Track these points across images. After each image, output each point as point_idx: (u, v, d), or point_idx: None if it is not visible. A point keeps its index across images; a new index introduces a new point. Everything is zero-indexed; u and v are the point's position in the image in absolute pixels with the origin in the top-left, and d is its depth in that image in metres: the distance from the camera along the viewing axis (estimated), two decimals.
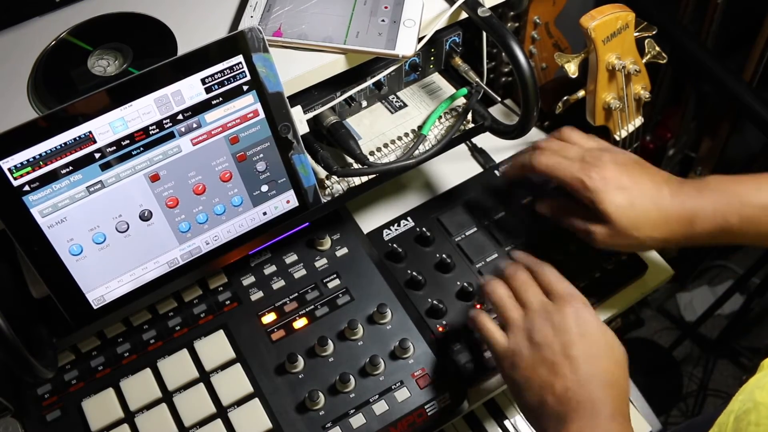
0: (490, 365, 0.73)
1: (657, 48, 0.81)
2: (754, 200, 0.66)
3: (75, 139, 0.57)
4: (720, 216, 0.66)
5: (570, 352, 0.59)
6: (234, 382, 0.71)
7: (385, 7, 0.68)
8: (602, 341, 0.61)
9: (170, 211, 0.64)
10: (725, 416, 0.50)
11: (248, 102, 0.62)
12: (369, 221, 0.84)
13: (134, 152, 0.60)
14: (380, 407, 0.70)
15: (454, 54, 0.78)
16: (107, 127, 0.57)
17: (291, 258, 0.79)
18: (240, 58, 0.60)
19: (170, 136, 0.60)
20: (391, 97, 0.79)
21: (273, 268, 0.78)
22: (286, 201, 0.69)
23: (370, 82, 0.72)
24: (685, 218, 0.66)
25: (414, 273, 0.77)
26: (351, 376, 0.70)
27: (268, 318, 0.75)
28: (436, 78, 0.80)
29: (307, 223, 0.80)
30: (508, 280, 0.68)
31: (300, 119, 0.67)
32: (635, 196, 0.67)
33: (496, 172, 0.87)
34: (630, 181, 0.68)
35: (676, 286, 1.76)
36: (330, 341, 0.73)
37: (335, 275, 0.78)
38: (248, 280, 0.78)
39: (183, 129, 0.61)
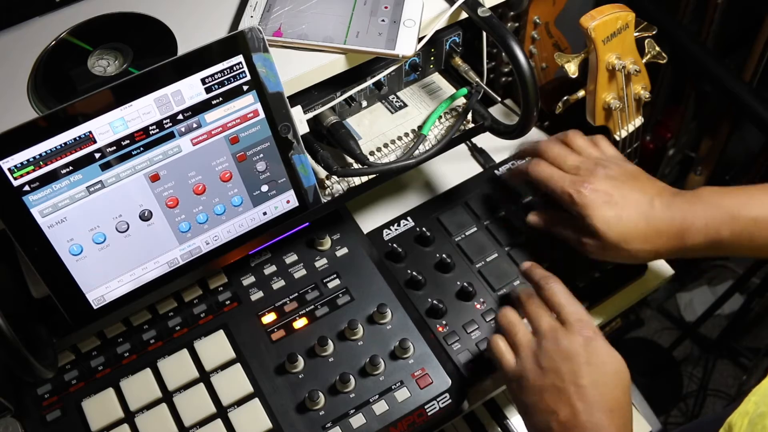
0: (490, 365, 0.73)
1: (657, 48, 0.81)
2: (745, 213, 0.66)
3: (75, 139, 0.57)
4: (712, 230, 0.66)
5: (577, 379, 0.60)
6: (234, 382, 0.71)
7: (385, 7, 0.68)
8: (610, 368, 0.61)
9: (170, 211, 0.64)
10: (739, 417, 0.49)
11: (248, 102, 0.62)
12: (369, 221, 0.84)
13: (134, 152, 0.60)
14: (380, 407, 0.70)
15: (454, 54, 0.78)
16: (107, 127, 0.58)
17: (291, 258, 0.79)
18: (240, 58, 0.60)
19: (170, 136, 0.60)
20: (391, 97, 0.79)
21: (273, 268, 0.78)
22: (286, 201, 0.69)
23: (370, 82, 0.72)
24: (676, 232, 0.67)
25: (414, 273, 0.77)
26: (351, 376, 0.70)
27: (268, 318, 0.75)
28: (436, 78, 0.80)
29: (307, 223, 0.80)
30: (521, 304, 0.68)
31: (300, 119, 0.67)
32: (623, 210, 0.68)
33: (496, 171, 0.87)
34: (619, 194, 0.68)
35: (676, 286, 1.76)
36: (330, 341, 0.73)
37: (335, 275, 0.78)
38: (248, 280, 0.78)
39: (183, 129, 0.61)
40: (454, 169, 0.89)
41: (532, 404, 0.61)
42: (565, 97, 0.83)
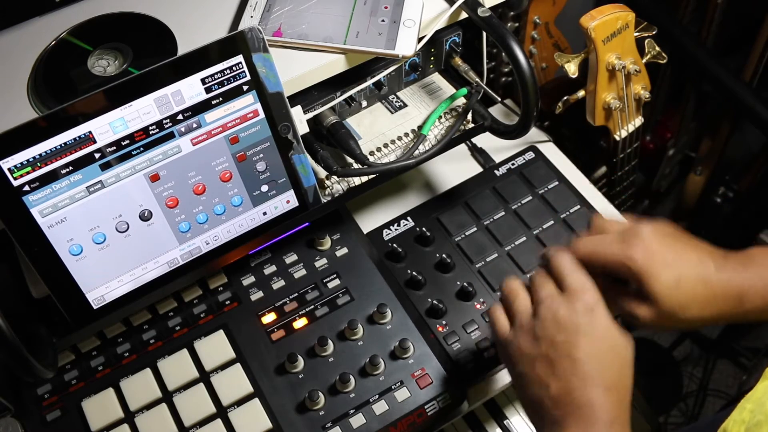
0: (490, 365, 0.73)
1: (657, 48, 0.81)
2: None
3: (75, 139, 0.57)
4: None
5: (571, 351, 0.57)
6: (234, 382, 0.71)
7: (385, 7, 0.68)
8: (607, 343, 0.58)
9: (170, 211, 0.64)
10: (734, 425, 0.48)
11: (248, 102, 0.62)
12: (369, 221, 0.84)
13: (134, 152, 0.60)
14: (380, 407, 0.70)
15: (454, 54, 0.78)
16: (107, 127, 0.57)
17: (291, 258, 0.79)
18: (240, 58, 0.60)
19: (170, 136, 0.60)
20: (391, 97, 0.79)
21: (273, 268, 0.78)
22: (286, 201, 0.69)
23: (370, 82, 0.72)
24: (734, 296, 0.62)
25: (414, 273, 0.77)
26: (351, 376, 0.70)
27: (268, 318, 0.75)
28: (436, 78, 0.80)
29: (307, 223, 0.80)
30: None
31: (300, 119, 0.67)
32: (682, 273, 0.61)
33: (496, 172, 0.87)
34: (675, 255, 0.61)
35: None
36: (330, 341, 0.73)
37: (335, 275, 0.78)
38: (248, 280, 0.78)
39: (183, 129, 0.61)
40: (454, 169, 0.89)
41: (524, 374, 0.58)
42: (565, 97, 0.83)
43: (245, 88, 0.61)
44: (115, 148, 0.59)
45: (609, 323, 0.59)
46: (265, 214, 0.69)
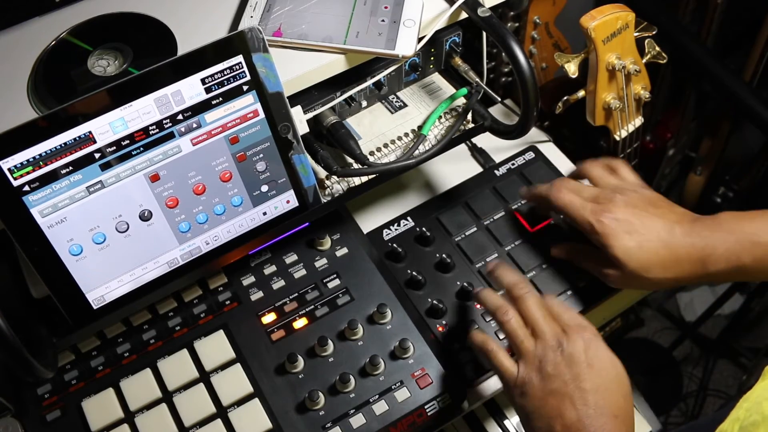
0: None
1: (657, 48, 0.81)
2: (766, 239, 0.65)
3: (75, 139, 0.57)
4: (733, 256, 0.65)
5: (580, 383, 0.60)
6: (234, 382, 0.71)
7: (385, 7, 0.68)
8: (612, 373, 0.61)
9: (170, 211, 0.64)
10: (729, 424, 0.49)
11: (248, 102, 0.62)
12: (369, 221, 0.84)
13: (134, 152, 0.60)
14: (380, 407, 0.70)
15: (454, 54, 0.78)
16: (107, 127, 0.58)
17: (291, 258, 0.79)
18: (240, 58, 0.60)
19: (170, 136, 0.60)
20: (391, 97, 0.79)
21: (273, 268, 0.78)
22: (286, 201, 0.69)
23: (370, 82, 0.72)
24: (697, 259, 0.66)
25: (414, 273, 0.77)
26: (351, 376, 0.70)
27: (268, 318, 0.75)
28: (436, 78, 0.80)
29: (307, 223, 0.80)
30: (516, 302, 0.67)
31: (300, 119, 0.67)
32: (644, 238, 0.67)
33: (496, 171, 0.87)
34: (640, 223, 0.68)
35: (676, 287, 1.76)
36: (330, 341, 0.73)
37: (335, 275, 0.78)
38: (248, 280, 0.78)
39: (183, 129, 0.61)
40: (454, 169, 0.89)
41: (535, 409, 0.61)
42: (565, 97, 0.83)
43: (245, 88, 0.61)
44: (115, 148, 0.59)
45: (610, 355, 0.63)
46: (265, 214, 0.69)
